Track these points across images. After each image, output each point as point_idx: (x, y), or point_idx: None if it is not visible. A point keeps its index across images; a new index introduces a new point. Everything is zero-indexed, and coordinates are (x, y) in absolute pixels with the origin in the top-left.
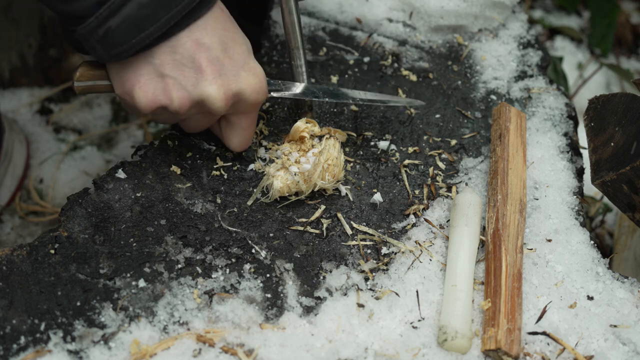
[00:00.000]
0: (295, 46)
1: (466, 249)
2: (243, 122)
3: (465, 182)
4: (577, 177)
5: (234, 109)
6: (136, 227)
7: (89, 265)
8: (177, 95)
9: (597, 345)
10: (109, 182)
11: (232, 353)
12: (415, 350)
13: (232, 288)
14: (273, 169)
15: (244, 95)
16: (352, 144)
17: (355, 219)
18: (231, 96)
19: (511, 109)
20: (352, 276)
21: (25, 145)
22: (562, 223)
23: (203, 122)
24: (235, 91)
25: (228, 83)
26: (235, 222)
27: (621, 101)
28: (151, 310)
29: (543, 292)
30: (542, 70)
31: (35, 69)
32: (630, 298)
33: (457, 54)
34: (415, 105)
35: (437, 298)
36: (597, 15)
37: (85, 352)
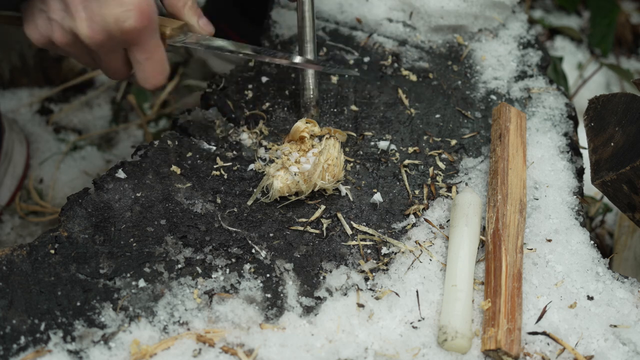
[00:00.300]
0: (306, 40)
1: (466, 249)
2: (137, 55)
3: (465, 182)
4: (577, 177)
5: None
6: (136, 227)
7: (89, 265)
8: (52, 29)
9: (597, 345)
10: (109, 182)
11: (232, 353)
12: (415, 350)
13: (232, 288)
14: (273, 169)
15: (114, 23)
16: (352, 144)
17: (355, 219)
18: (99, 28)
19: (511, 109)
20: (352, 276)
21: (25, 145)
22: (562, 223)
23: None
24: (102, 20)
25: (93, 14)
26: (235, 222)
27: (621, 101)
28: (151, 310)
29: (543, 292)
30: (542, 70)
31: (35, 69)
32: (630, 298)
33: (457, 54)
34: (352, 74)
35: (437, 298)
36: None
37: (85, 352)
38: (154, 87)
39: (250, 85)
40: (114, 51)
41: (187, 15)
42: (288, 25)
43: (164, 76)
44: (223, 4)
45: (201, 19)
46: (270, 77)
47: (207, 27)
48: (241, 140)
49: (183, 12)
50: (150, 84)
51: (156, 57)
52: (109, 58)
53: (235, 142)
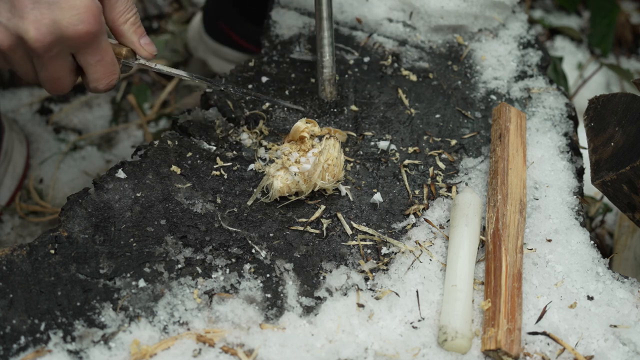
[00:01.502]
0: (324, 43)
1: (466, 249)
2: (89, 58)
3: (465, 182)
4: (577, 177)
5: (69, 45)
6: (136, 227)
7: (89, 265)
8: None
9: (597, 345)
10: (109, 182)
11: (232, 353)
12: (415, 350)
13: (232, 288)
14: (273, 169)
15: (61, 28)
16: (352, 144)
17: (355, 219)
18: (47, 31)
19: (511, 109)
20: (352, 276)
21: (25, 145)
22: (562, 223)
23: (50, 68)
24: (51, 24)
25: (42, 16)
26: (235, 222)
27: (621, 101)
28: (151, 310)
29: (543, 292)
30: (542, 70)
31: None
32: (630, 298)
33: (457, 54)
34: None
35: (437, 298)
36: (597, 15)
37: (85, 352)
38: (107, 88)
39: (250, 85)
40: (61, 56)
41: (127, 33)
42: (288, 25)
43: (117, 76)
44: (223, 4)
45: (142, 38)
46: (270, 77)
47: (148, 47)
48: (241, 140)
49: (122, 28)
50: (104, 84)
51: (107, 58)
52: (53, 65)
53: (235, 142)
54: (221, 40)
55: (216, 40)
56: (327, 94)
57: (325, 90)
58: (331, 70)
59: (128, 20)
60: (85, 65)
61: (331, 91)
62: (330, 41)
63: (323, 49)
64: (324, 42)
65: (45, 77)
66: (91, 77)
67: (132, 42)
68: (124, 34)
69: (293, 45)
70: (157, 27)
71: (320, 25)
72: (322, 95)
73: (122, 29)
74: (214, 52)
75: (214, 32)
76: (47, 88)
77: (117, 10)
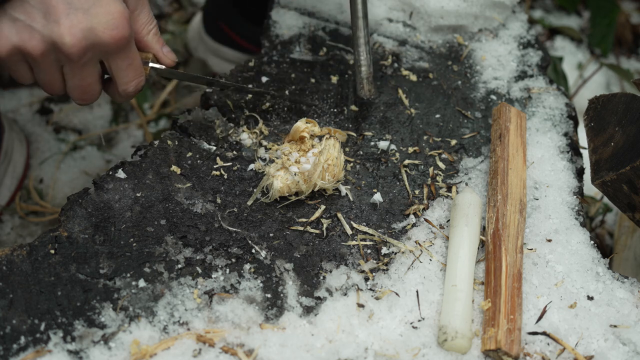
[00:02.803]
0: (360, 43)
1: (466, 249)
2: (119, 62)
3: (465, 182)
4: (577, 177)
5: (101, 51)
6: (136, 227)
7: (89, 265)
8: (29, 37)
9: (597, 345)
10: (109, 182)
11: (232, 353)
12: (415, 350)
13: (232, 288)
14: (273, 169)
15: (96, 33)
16: (352, 144)
17: (355, 219)
18: (82, 37)
19: (511, 109)
20: (352, 276)
21: (25, 145)
22: (562, 223)
23: (80, 75)
24: (86, 29)
25: (78, 22)
26: (235, 222)
27: (621, 101)
28: (151, 310)
29: (543, 292)
30: (542, 70)
31: None
32: (630, 298)
33: (457, 54)
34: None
35: (437, 298)
36: (597, 15)
37: (85, 352)
38: (136, 90)
39: (250, 85)
40: (92, 63)
41: (150, 42)
42: (288, 25)
43: (144, 78)
44: (223, 3)
45: (164, 47)
46: (270, 77)
47: (170, 55)
48: (241, 140)
49: (146, 39)
50: (133, 86)
51: (136, 62)
52: (84, 72)
53: (235, 142)
54: (221, 40)
55: (216, 40)
56: (366, 91)
57: (364, 88)
58: (368, 69)
59: (151, 31)
60: (116, 69)
61: (370, 89)
62: (366, 40)
63: (360, 47)
64: (360, 41)
65: (74, 85)
66: (121, 80)
67: (156, 51)
68: (147, 44)
69: (293, 45)
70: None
71: (356, 24)
72: (360, 93)
73: (146, 39)
74: (214, 52)
75: (214, 32)
76: (76, 96)
77: (141, 21)
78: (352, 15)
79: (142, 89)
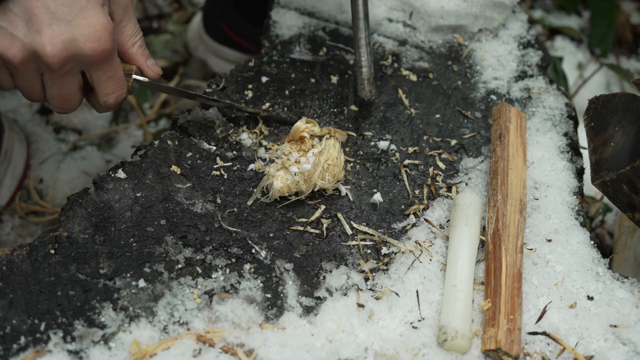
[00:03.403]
0: (361, 44)
1: (466, 249)
2: (101, 75)
3: (465, 182)
4: (577, 177)
5: (82, 62)
6: (136, 227)
7: (89, 265)
8: (10, 45)
9: (597, 345)
10: (109, 182)
11: (232, 353)
12: (415, 350)
13: (232, 288)
14: (273, 169)
15: (78, 45)
16: (352, 144)
17: (355, 219)
18: (62, 47)
19: (511, 109)
20: (352, 276)
21: (25, 145)
22: (562, 223)
23: (60, 84)
24: (67, 40)
25: (59, 32)
26: (235, 222)
27: (621, 101)
28: (151, 310)
29: (543, 292)
30: (542, 70)
31: None
32: (630, 298)
33: (457, 54)
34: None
35: (437, 298)
36: (597, 15)
37: (85, 352)
38: (116, 102)
39: (250, 85)
40: (72, 73)
41: (135, 55)
42: (288, 25)
43: (125, 90)
44: (223, 4)
45: (149, 59)
46: (270, 77)
47: (154, 68)
48: (241, 140)
49: (131, 51)
50: (114, 98)
51: (118, 75)
52: (64, 82)
53: (235, 142)
54: (221, 40)
55: (216, 40)
56: (367, 92)
57: (365, 89)
58: (369, 70)
59: (135, 43)
60: (97, 81)
61: (370, 90)
62: (367, 41)
63: (361, 48)
64: (361, 42)
65: (54, 94)
66: (102, 92)
67: (140, 64)
68: (132, 56)
69: (293, 45)
70: (157, 27)
71: (357, 25)
72: (361, 94)
73: (131, 51)
74: (214, 52)
75: (214, 32)
76: (55, 105)
77: (126, 33)
78: (353, 16)
79: (122, 101)
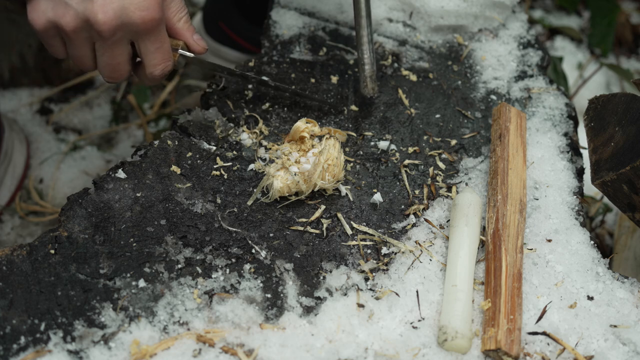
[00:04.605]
0: (363, 41)
1: (466, 249)
2: (149, 45)
3: (465, 182)
4: (577, 177)
5: (132, 31)
6: (136, 227)
7: (89, 265)
8: (64, 13)
9: (597, 345)
10: (109, 182)
11: (232, 353)
12: (415, 350)
13: (232, 288)
14: (273, 169)
15: (128, 13)
16: (352, 144)
17: (355, 219)
18: (113, 15)
19: (511, 109)
20: (352, 276)
21: (25, 145)
22: (562, 223)
23: (110, 53)
24: (118, 9)
25: (110, 1)
26: (235, 222)
27: (621, 101)
28: (151, 310)
29: (543, 292)
30: (542, 70)
31: (35, 69)
32: (630, 298)
33: (457, 54)
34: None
35: (437, 298)
36: (597, 15)
37: (85, 352)
38: (162, 73)
39: (250, 85)
40: (122, 42)
41: (181, 30)
42: (288, 25)
43: (171, 63)
44: (223, 4)
45: (195, 34)
46: (270, 77)
47: (200, 43)
48: (241, 140)
49: (177, 26)
50: (160, 69)
51: (165, 46)
52: (114, 50)
53: (235, 142)
54: (221, 40)
55: (216, 40)
56: (370, 90)
57: (367, 86)
58: (372, 67)
59: (182, 18)
60: (145, 51)
61: (373, 87)
62: (369, 39)
63: (363, 46)
64: (364, 40)
65: (104, 63)
66: (149, 62)
67: (186, 38)
68: (178, 31)
69: (293, 45)
70: None
71: (360, 23)
72: (364, 91)
73: (177, 26)
74: (214, 52)
75: (214, 32)
76: (105, 74)
77: (173, 9)
78: (356, 14)
79: (168, 73)
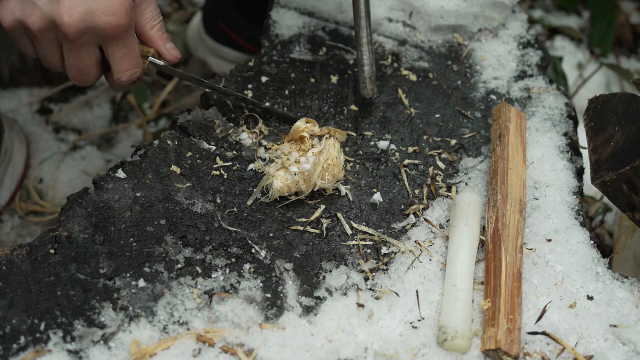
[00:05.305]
0: (363, 42)
1: (466, 249)
2: (116, 50)
3: (465, 182)
4: (577, 177)
5: (99, 35)
6: (136, 227)
7: (89, 265)
8: (31, 13)
9: (597, 345)
10: (109, 182)
11: (232, 353)
12: (415, 350)
13: (232, 288)
14: (273, 169)
15: (94, 17)
16: (352, 144)
17: (355, 219)
18: (79, 18)
19: (511, 109)
20: (352, 276)
21: (25, 145)
22: (562, 223)
23: (77, 57)
24: (85, 12)
25: (77, 4)
26: (235, 222)
27: (621, 101)
28: (151, 310)
29: (543, 292)
30: (542, 70)
31: (35, 69)
32: (630, 298)
33: (457, 54)
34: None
35: (437, 298)
36: (597, 15)
37: (85, 352)
38: (130, 80)
39: (250, 85)
40: (89, 46)
41: (154, 37)
42: (288, 25)
43: (140, 70)
44: (223, 4)
45: (168, 43)
46: (270, 77)
47: (173, 52)
48: (241, 140)
49: (150, 33)
50: (127, 76)
51: (133, 53)
52: (81, 53)
53: (235, 142)
54: (221, 40)
55: (216, 41)
56: (369, 91)
57: (367, 87)
58: (371, 68)
59: (155, 26)
60: (112, 57)
61: (372, 88)
62: (369, 40)
63: (363, 47)
64: (363, 40)
65: (71, 65)
66: (116, 68)
67: (158, 46)
68: (151, 39)
69: (293, 45)
70: None
71: (359, 23)
72: (363, 93)
73: (150, 33)
74: (214, 52)
75: (214, 32)
76: (72, 77)
77: (146, 16)
78: (355, 15)
79: (137, 81)
